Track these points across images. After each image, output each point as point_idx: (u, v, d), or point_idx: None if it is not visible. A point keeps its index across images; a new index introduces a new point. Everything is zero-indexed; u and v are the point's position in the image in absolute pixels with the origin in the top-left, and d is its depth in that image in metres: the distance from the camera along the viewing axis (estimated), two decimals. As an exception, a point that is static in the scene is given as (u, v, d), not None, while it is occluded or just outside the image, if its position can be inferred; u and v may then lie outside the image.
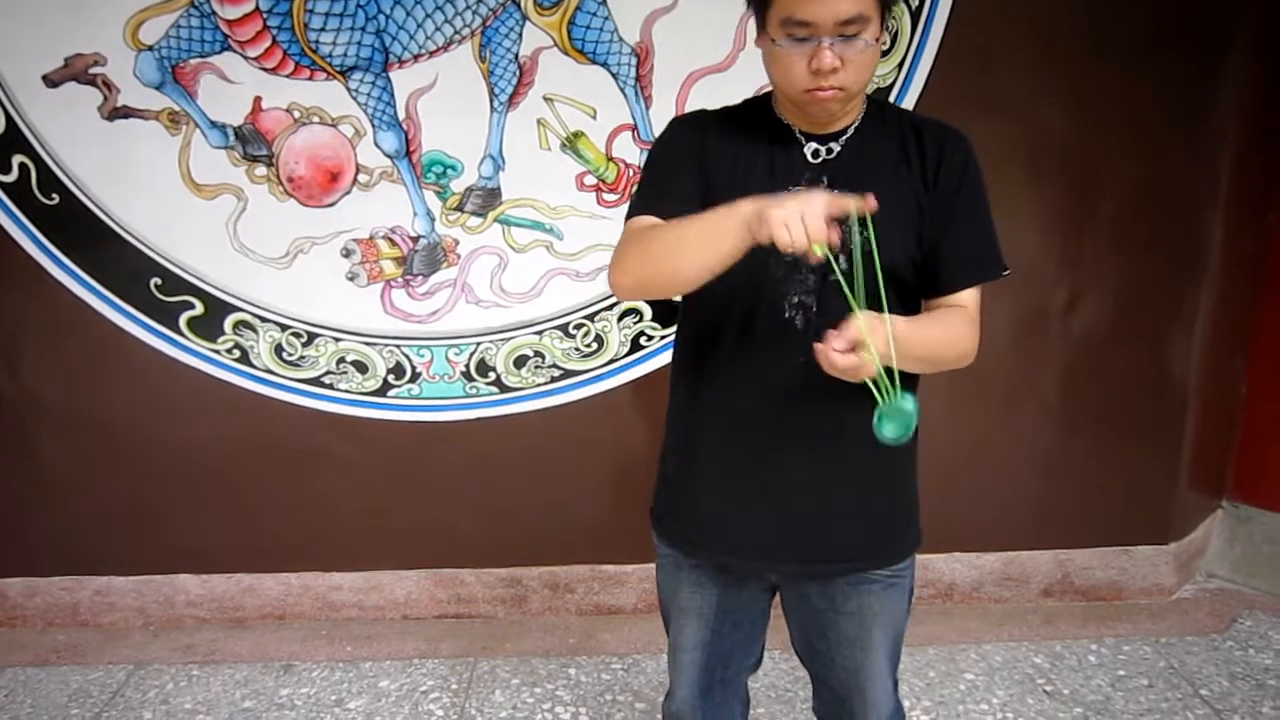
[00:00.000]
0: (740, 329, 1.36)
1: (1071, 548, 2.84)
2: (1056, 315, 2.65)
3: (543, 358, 2.62)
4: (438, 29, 2.35)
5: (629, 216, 1.40)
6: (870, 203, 1.15)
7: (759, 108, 1.41)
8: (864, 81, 1.28)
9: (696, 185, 1.35)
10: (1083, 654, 2.61)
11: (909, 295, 1.37)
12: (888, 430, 1.22)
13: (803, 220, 1.11)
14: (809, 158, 1.35)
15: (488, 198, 2.50)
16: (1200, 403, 2.76)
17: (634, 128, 2.46)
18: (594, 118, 2.45)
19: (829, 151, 1.35)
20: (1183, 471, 2.80)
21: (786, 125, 1.37)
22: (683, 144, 1.40)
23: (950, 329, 1.35)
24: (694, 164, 1.37)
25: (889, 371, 1.18)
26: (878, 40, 1.25)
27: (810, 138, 1.35)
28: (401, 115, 2.42)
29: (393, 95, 2.41)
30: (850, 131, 1.35)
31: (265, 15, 2.32)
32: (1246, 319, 2.86)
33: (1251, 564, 2.95)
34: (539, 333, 2.60)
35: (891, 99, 2.42)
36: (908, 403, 1.21)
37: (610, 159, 2.48)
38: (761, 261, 1.31)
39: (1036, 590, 2.86)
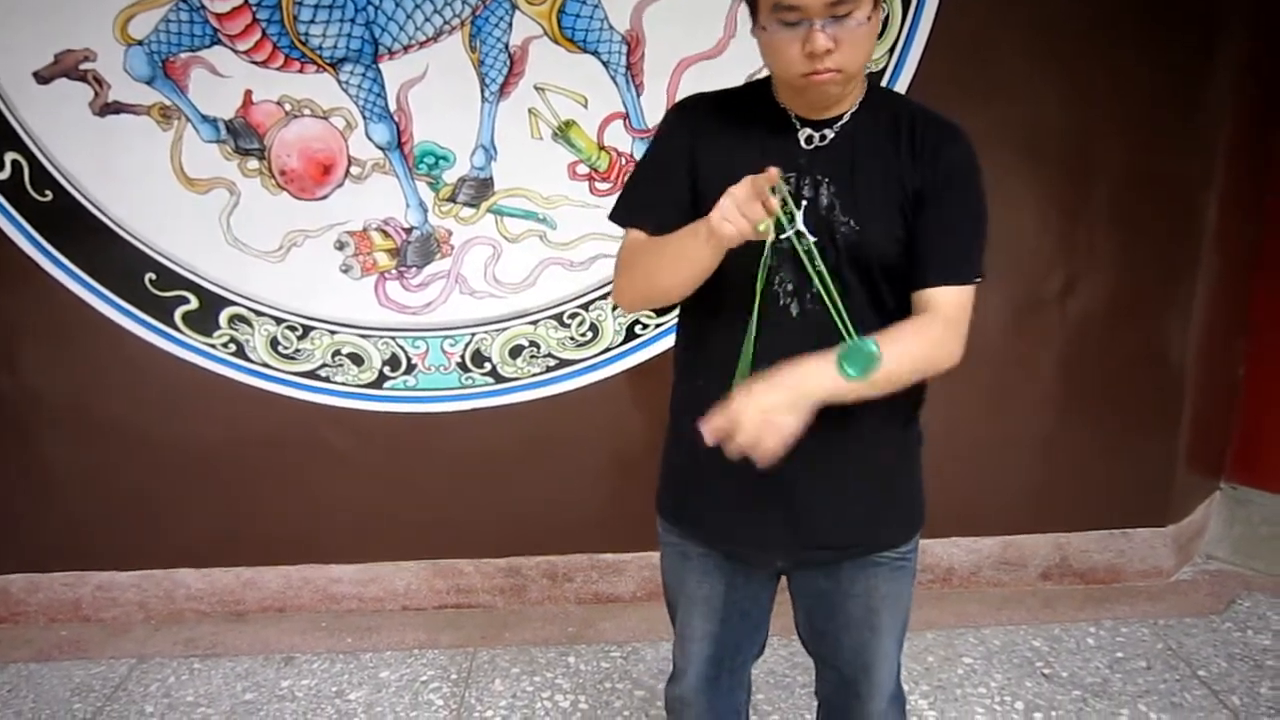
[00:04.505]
0: (737, 317, 1.35)
1: (1070, 531, 2.84)
2: (1053, 299, 2.64)
3: (538, 347, 2.62)
4: (427, 19, 2.34)
5: (615, 211, 1.46)
6: (772, 172, 1.19)
7: (758, 93, 1.40)
8: (861, 61, 1.27)
9: (684, 189, 1.39)
10: (1081, 637, 2.61)
11: (902, 283, 1.35)
12: (851, 370, 1.24)
13: (738, 209, 1.18)
14: (802, 143, 1.34)
15: (480, 188, 2.50)
16: (1198, 385, 2.76)
17: (625, 116, 2.45)
18: (585, 106, 2.44)
19: (822, 138, 1.34)
20: (1181, 454, 2.80)
21: (783, 110, 1.36)
22: (673, 144, 1.42)
23: (915, 339, 1.31)
24: (682, 165, 1.39)
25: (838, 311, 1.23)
26: (870, 19, 1.23)
27: (805, 123, 1.35)
28: (392, 106, 2.42)
29: (383, 86, 2.40)
30: (846, 118, 1.34)
31: (254, 8, 2.32)
32: (1244, 301, 2.85)
33: (1250, 545, 2.95)
34: (534, 322, 2.60)
35: (883, 85, 2.41)
36: (869, 344, 1.23)
37: (602, 148, 2.47)
38: (754, 251, 1.31)
39: (1035, 574, 2.87)
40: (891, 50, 2.41)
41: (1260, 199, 2.77)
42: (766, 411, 1.19)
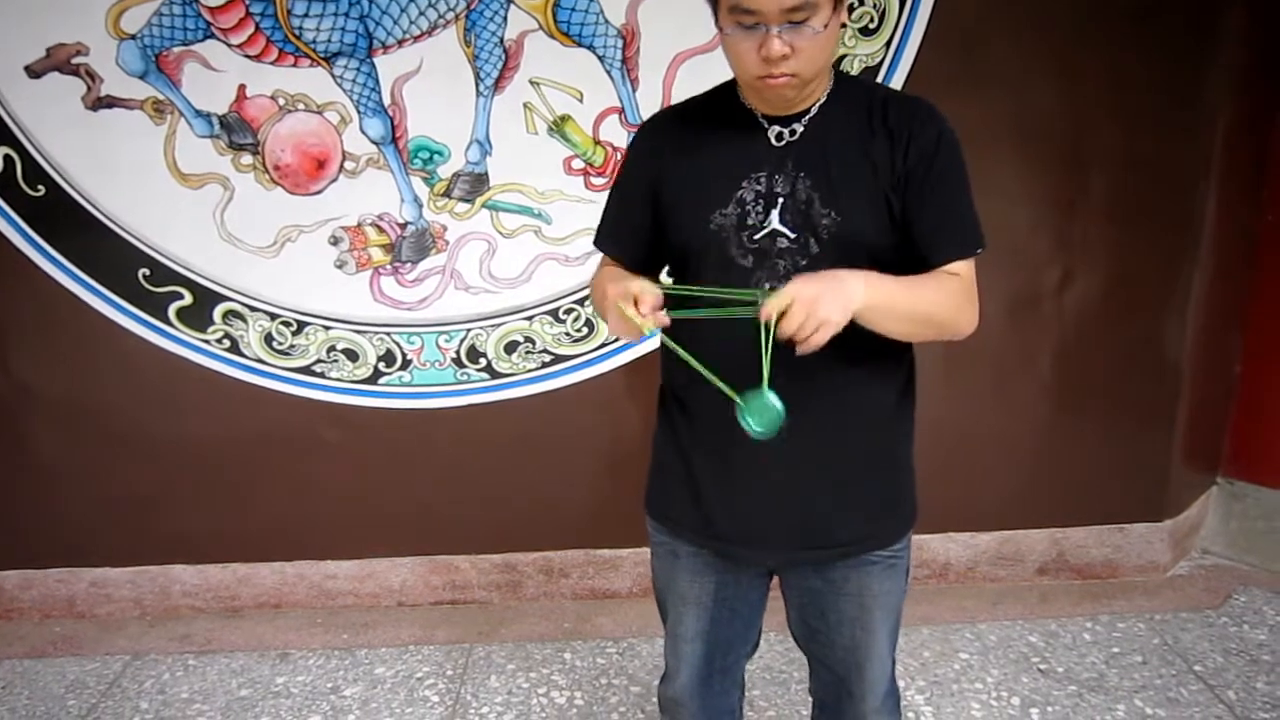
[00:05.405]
0: (717, 318, 1.35)
1: (1066, 526, 2.84)
2: (1049, 293, 2.64)
3: (533, 343, 2.61)
4: (421, 13, 2.33)
5: (596, 237, 1.55)
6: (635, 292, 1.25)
7: (724, 95, 1.40)
8: (818, 67, 1.27)
9: (644, 216, 1.44)
10: (1077, 632, 2.61)
11: (892, 268, 1.35)
12: (755, 424, 1.24)
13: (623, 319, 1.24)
14: (772, 141, 1.34)
15: (475, 183, 2.49)
16: (1194, 379, 2.75)
17: (621, 110, 2.44)
18: (580, 101, 2.43)
19: (792, 134, 1.34)
20: (1177, 448, 2.80)
21: (749, 111, 1.36)
22: (634, 171, 1.48)
23: (939, 288, 1.31)
24: (642, 192, 1.43)
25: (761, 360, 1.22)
26: (827, 26, 1.23)
27: (773, 121, 1.35)
28: (387, 101, 2.41)
29: (378, 81, 2.39)
30: (814, 111, 1.34)
31: (248, 2, 2.31)
32: (1241, 295, 2.84)
33: (1247, 540, 2.95)
34: (529, 318, 2.59)
35: (879, 79, 2.40)
36: (773, 399, 1.22)
37: (597, 142, 2.46)
38: (728, 253, 1.33)
39: (1032, 569, 2.87)
40: (888, 45, 2.40)
41: (1258, 193, 2.76)
42: (814, 300, 1.15)
